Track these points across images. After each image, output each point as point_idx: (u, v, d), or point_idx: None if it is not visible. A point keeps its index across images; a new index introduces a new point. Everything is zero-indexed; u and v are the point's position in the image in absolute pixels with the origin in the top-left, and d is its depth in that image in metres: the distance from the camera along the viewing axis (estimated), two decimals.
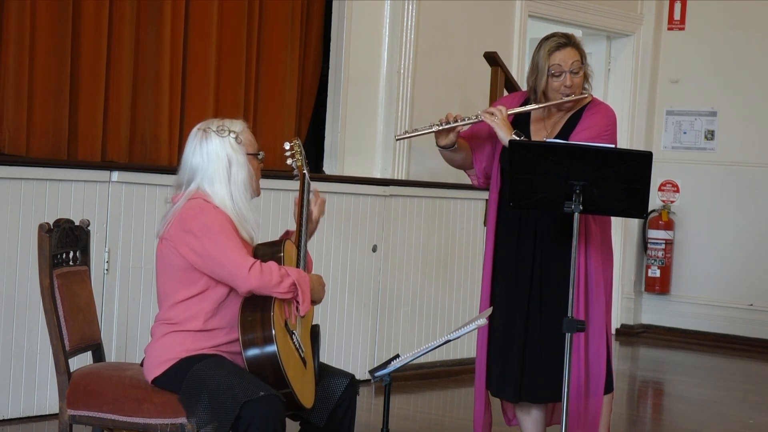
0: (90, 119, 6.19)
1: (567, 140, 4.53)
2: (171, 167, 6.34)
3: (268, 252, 3.92)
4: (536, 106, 4.63)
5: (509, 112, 4.60)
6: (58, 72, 6.04)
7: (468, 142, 4.78)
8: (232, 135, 3.89)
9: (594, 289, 4.60)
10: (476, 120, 4.64)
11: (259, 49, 7.10)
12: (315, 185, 4.19)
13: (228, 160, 3.88)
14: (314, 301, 3.95)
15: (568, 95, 4.58)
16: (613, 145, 4.43)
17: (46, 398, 5.61)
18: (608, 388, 4.67)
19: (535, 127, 4.69)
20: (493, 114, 4.57)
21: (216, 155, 3.87)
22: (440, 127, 4.62)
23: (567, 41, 4.60)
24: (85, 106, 6.18)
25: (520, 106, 4.68)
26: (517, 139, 4.49)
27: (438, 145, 4.72)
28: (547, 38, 4.63)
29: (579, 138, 4.53)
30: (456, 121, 4.61)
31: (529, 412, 4.73)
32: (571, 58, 4.57)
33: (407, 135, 4.75)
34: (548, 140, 4.45)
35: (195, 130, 3.95)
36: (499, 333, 4.65)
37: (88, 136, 6.19)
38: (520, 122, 4.68)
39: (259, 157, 3.97)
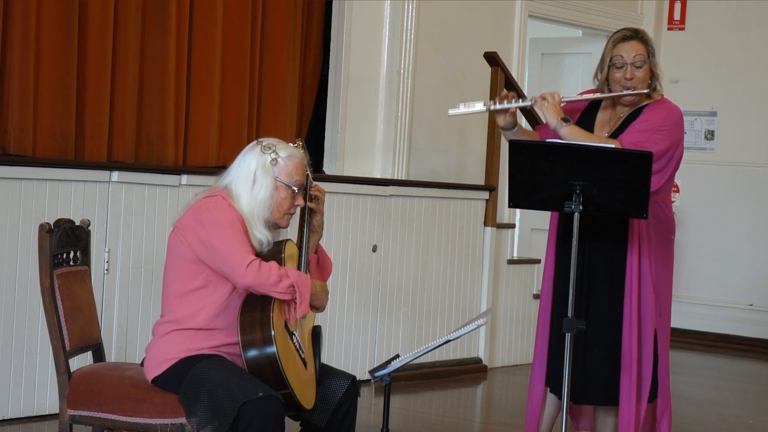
0: (96, 120, 6.18)
1: (622, 134, 4.52)
2: (171, 167, 6.35)
3: (269, 252, 3.93)
4: (591, 96, 4.63)
5: (564, 100, 4.59)
6: (63, 72, 6.02)
7: (540, 135, 4.75)
8: (272, 156, 3.91)
9: (645, 292, 4.59)
10: (529, 103, 4.63)
11: (262, 49, 7.09)
12: (315, 185, 4.18)
13: (254, 176, 3.90)
14: (316, 308, 3.96)
15: (627, 88, 4.56)
16: (613, 145, 4.40)
17: (46, 398, 5.61)
18: (651, 395, 4.66)
19: (601, 118, 4.67)
20: (545, 99, 4.56)
21: (247, 167, 3.92)
22: (492, 107, 4.60)
23: (633, 34, 4.59)
24: (91, 106, 6.17)
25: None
26: (564, 124, 4.48)
27: (498, 125, 4.70)
28: (617, 31, 4.65)
29: (632, 130, 4.50)
30: (510, 102, 4.59)
31: (555, 404, 4.75)
32: (634, 51, 4.55)
33: (460, 112, 4.70)
34: (549, 140, 4.44)
35: (255, 141, 4.01)
36: (555, 334, 4.66)
37: (94, 137, 6.18)
38: (589, 112, 4.67)
39: (295, 191, 3.95)
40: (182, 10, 6.57)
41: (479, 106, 4.64)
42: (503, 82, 7.65)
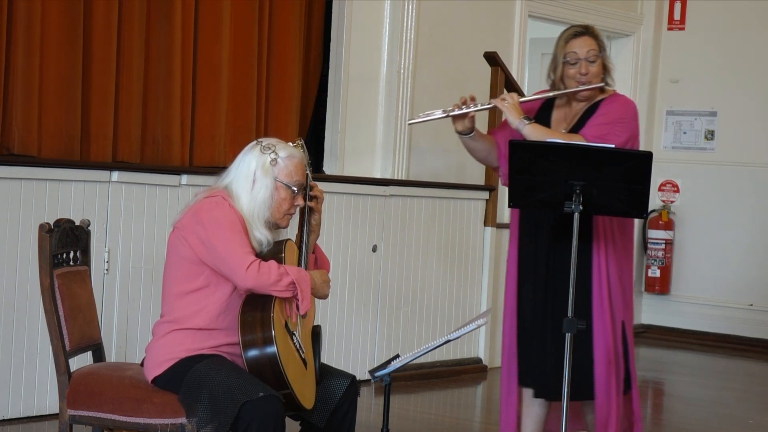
0: (101, 120, 6.16)
1: (582, 129, 4.55)
2: (171, 167, 6.34)
3: (269, 252, 3.93)
4: (549, 94, 4.68)
5: (521, 100, 4.64)
6: (68, 72, 6.00)
7: (495, 138, 4.80)
8: (271, 156, 3.91)
9: (612, 285, 4.63)
10: (489, 106, 4.67)
11: (269, 48, 7.07)
12: (314, 185, 4.18)
13: (254, 176, 3.90)
14: (319, 297, 3.97)
15: (583, 83, 4.59)
16: (613, 145, 4.42)
17: (46, 398, 5.61)
18: (625, 387, 4.71)
19: (557, 115, 4.71)
20: (504, 99, 4.62)
21: (247, 167, 3.93)
22: (452, 113, 4.64)
23: (584, 30, 4.65)
24: (96, 106, 6.15)
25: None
26: (527, 123, 4.52)
27: (456, 131, 4.74)
28: (566, 29, 4.70)
29: (593, 124, 4.55)
30: (469, 107, 4.64)
31: (532, 407, 4.74)
32: (587, 46, 4.60)
33: (420, 120, 4.77)
34: (549, 140, 4.45)
35: (255, 141, 4.02)
36: (526, 332, 4.67)
37: (99, 137, 6.16)
38: (544, 111, 4.71)
39: (295, 191, 3.95)
40: (187, 8, 6.54)
41: (438, 113, 4.69)
42: (503, 82, 7.65)
